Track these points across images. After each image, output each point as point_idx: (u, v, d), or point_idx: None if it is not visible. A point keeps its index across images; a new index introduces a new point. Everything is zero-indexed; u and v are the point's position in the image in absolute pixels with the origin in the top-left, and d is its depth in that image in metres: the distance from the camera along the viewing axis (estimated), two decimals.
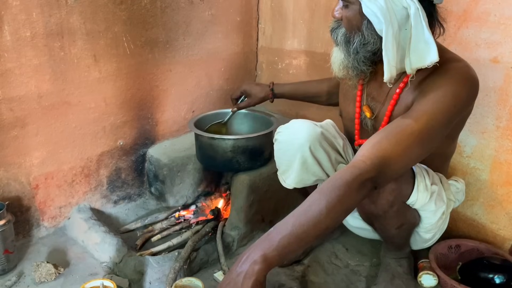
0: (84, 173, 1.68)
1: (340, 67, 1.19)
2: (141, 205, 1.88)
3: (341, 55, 1.17)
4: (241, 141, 1.60)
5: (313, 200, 0.90)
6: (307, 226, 0.87)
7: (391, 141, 1.00)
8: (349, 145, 1.37)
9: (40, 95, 1.47)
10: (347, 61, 1.17)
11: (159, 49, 1.76)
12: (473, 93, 1.10)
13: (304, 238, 0.86)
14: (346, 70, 1.18)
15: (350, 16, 1.11)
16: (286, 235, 0.85)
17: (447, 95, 1.04)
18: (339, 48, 1.18)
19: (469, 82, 1.08)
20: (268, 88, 1.66)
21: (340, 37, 1.16)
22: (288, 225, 0.87)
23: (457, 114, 1.07)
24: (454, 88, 1.05)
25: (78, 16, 1.48)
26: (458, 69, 1.08)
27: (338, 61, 1.19)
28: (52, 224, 1.65)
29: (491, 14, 1.39)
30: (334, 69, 1.21)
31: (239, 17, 2.06)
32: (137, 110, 1.77)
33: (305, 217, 0.88)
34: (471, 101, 1.12)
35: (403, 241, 1.36)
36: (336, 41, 1.19)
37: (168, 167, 1.78)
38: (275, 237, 0.86)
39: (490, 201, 1.52)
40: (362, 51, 1.13)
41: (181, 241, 1.59)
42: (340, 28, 1.16)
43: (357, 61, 1.15)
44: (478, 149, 1.51)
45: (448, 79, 1.06)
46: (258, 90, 1.67)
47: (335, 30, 1.18)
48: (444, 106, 1.04)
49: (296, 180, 1.29)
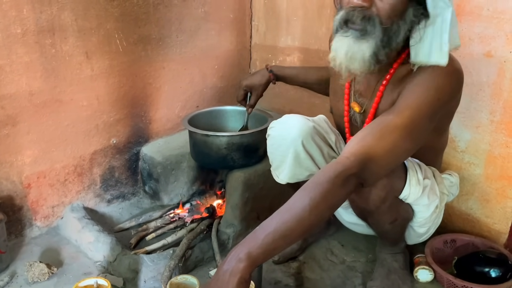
0: (77, 172, 1.67)
1: (363, 63, 1.04)
2: (135, 204, 1.86)
3: (369, 49, 1.02)
4: (235, 138, 1.60)
5: (298, 197, 0.90)
6: (291, 223, 0.86)
7: (375, 136, 0.99)
8: (341, 140, 1.37)
9: (32, 93, 1.46)
10: (377, 55, 1.03)
11: (152, 46, 1.75)
12: (456, 86, 1.09)
13: (289, 235, 0.86)
14: (369, 65, 1.05)
15: (394, 3, 0.98)
16: (270, 232, 0.85)
17: (430, 89, 1.04)
18: (367, 40, 1.01)
19: (453, 74, 1.07)
20: (267, 72, 1.60)
21: (376, 28, 1.00)
22: (272, 222, 0.87)
23: (441, 106, 1.07)
24: (437, 81, 1.04)
25: (70, 13, 1.47)
26: None
27: (361, 56, 1.03)
28: (45, 224, 1.64)
29: (484, 8, 1.38)
30: (352, 65, 1.05)
31: (232, 14, 2.05)
32: (130, 108, 1.76)
33: (289, 214, 0.87)
34: (455, 94, 1.11)
35: (397, 236, 1.35)
36: (365, 33, 1.01)
37: (162, 165, 1.77)
38: (260, 234, 0.85)
39: (484, 195, 1.52)
40: (399, 41, 1.03)
41: (176, 239, 1.58)
42: (373, 17, 1.00)
43: (386, 53, 1.04)
44: (473, 144, 1.51)
45: (431, 73, 1.05)
46: (258, 78, 1.60)
47: (365, 20, 1.00)
48: (427, 99, 1.03)
49: (289, 175, 1.29)
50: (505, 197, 1.47)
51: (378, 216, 1.23)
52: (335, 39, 1.08)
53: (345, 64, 1.06)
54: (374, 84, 1.19)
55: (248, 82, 1.61)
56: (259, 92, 1.62)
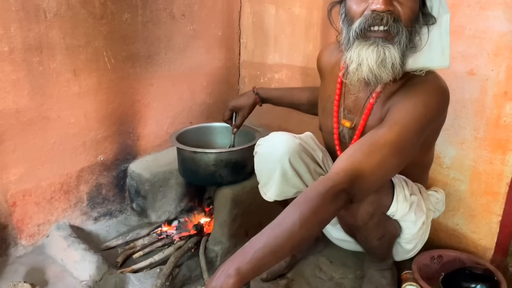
0: (63, 190, 1.65)
1: (391, 68, 1.04)
2: (122, 221, 1.85)
3: (395, 53, 1.03)
4: (223, 155, 1.60)
5: (287, 213, 0.90)
6: (281, 239, 0.86)
7: (364, 152, 1.00)
8: (329, 157, 1.38)
9: (18, 110, 1.45)
10: (402, 58, 1.05)
11: (141, 64, 1.76)
12: (443, 103, 1.12)
13: (279, 251, 0.86)
14: (393, 70, 1.05)
15: (413, 5, 1.03)
16: (260, 248, 0.84)
17: (418, 105, 1.06)
18: (393, 45, 1.03)
19: (439, 92, 1.10)
20: (253, 94, 1.63)
21: (403, 31, 1.02)
22: (262, 238, 0.86)
23: (429, 123, 1.09)
24: (424, 98, 1.07)
25: (58, 31, 1.47)
26: (428, 80, 1.11)
27: (391, 61, 1.03)
28: (30, 243, 1.61)
29: (466, 28, 1.42)
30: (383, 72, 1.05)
31: (221, 31, 2.07)
32: (118, 124, 1.75)
33: (279, 229, 0.87)
34: (442, 111, 1.13)
35: (385, 252, 1.36)
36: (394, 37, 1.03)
37: (150, 182, 1.76)
38: (250, 250, 0.85)
39: (470, 211, 1.54)
40: (413, 45, 1.07)
41: (164, 257, 1.57)
42: (398, 21, 1.01)
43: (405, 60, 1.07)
44: (457, 160, 1.54)
45: (418, 90, 1.08)
46: (245, 100, 1.64)
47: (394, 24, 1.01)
48: (415, 116, 1.05)
49: (277, 192, 1.29)
50: (490, 213, 1.49)
51: (366, 232, 1.24)
52: (354, 48, 1.07)
53: (375, 71, 1.05)
54: (363, 100, 1.21)
55: (234, 103, 1.66)
56: (245, 113, 1.66)
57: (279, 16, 2.00)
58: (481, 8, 1.38)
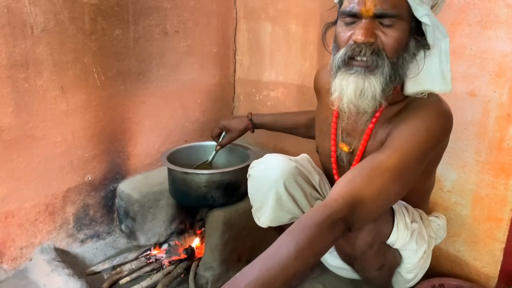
0: (48, 211, 1.58)
1: (372, 99, 1.01)
2: (110, 243, 1.77)
3: (378, 85, 0.99)
4: (215, 176, 1.54)
5: (282, 242, 0.83)
6: (275, 270, 0.79)
7: (364, 179, 0.95)
8: (326, 181, 1.32)
9: (2, 129, 1.39)
10: (385, 90, 1.00)
11: (132, 81, 1.70)
12: (446, 128, 1.06)
13: (272, 284, 0.78)
14: (377, 101, 1.02)
15: (399, 35, 0.97)
16: (252, 281, 0.77)
17: (420, 130, 1.01)
18: (375, 76, 0.99)
19: (442, 116, 1.05)
20: (247, 119, 1.62)
21: (386, 63, 0.98)
22: (255, 269, 0.79)
23: (431, 149, 1.04)
24: (427, 123, 1.02)
25: (45, 47, 1.42)
26: (431, 104, 1.05)
27: (372, 92, 1.00)
28: (12, 267, 1.53)
29: (467, 47, 1.38)
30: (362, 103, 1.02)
31: (215, 48, 2.03)
32: (107, 143, 1.69)
33: (272, 260, 0.80)
34: (445, 136, 1.08)
35: (384, 282, 1.29)
36: (374, 68, 0.99)
37: (140, 203, 1.70)
38: (241, 282, 0.78)
39: (472, 237, 1.48)
40: (401, 76, 1.02)
41: (151, 284, 1.49)
42: (380, 52, 0.98)
43: (390, 90, 1.02)
44: (459, 184, 1.48)
45: (421, 114, 1.03)
46: (237, 123, 1.63)
47: (374, 56, 0.98)
48: (417, 141, 1.00)
49: (271, 218, 1.23)
50: (493, 240, 1.43)
51: (365, 262, 1.17)
52: (337, 77, 1.04)
53: (354, 102, 1.02)
54: (362, 123, 1.15)
55: (226, 123, 1.65)
56: (233, 135, 1.65)
57: (275, 33, 1.97)
58: (483, 28, 1.34)
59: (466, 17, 1.36)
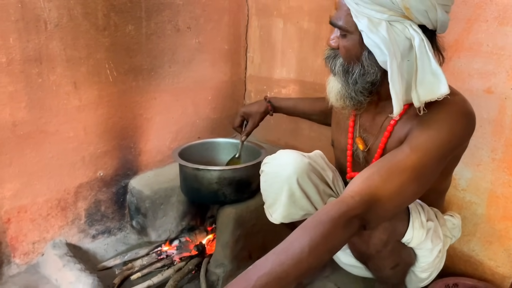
0: (60, 206, 1.59)
1: (337, 97, 1.12)
2: (121, 239, 1.77)
3: (338, 85, 1.11)
4: (227, 172, 1.53)
5: (296, 237, 0.82)
6: (288, 266, 0.78)
7: (382, 177, 0.93)
8: (339, 177, 1.31)
9: (15, 124, 1.39)
10: (345, 91, 1.10)
11: (144, 77, 1.70)
12: (469, 129, 1.04)
13: (284, 278, 0.77)
14: (343, 100, 1.12)
15: (349, 46, 1.05)
16: (264, 274, 0.76)
17: (442, 131, 0.99)
18: (336, 78, 1.11)
19: (466, 117, 1.02)
20: (265, 102, 1.61)
21: (338, 67, 1.09)
22: (267, 263, 0.78)
23: (452, 150, 1.02)
24: (450, 124, 0.99)
25: (58, 42, 1.42)
26: (455, 103, 1.02)
27: (335, 91, 1.12)
28: (24, 261, 1.54)
29: (483, 44, 1.36)
30: (330, 99, 1.14)
31: (227, 45, 2.02)
32: (119, 139, 1.69)
33: (285, 255, 0.79)
34: (467, 138, 1.06)
35: (398, 281, 1.28)
36: (333, 71, 1.12)
37: (151, 199, 1.70)
38: (253, 276, 0.77)
39: (487, 236, 1.46)
40: (361, 82, 1.07)
41: (162, 280, 1.49)
42: (338, 57, 1.10)
43: (355, 91, 1.08)
44: (474, 182, 1.46)
45: (444, 114, 1.00)
46: (256, 107, 1.61)
47: (332, 59, 1.11)
48: (439, 142, 0.98)
49: (283, 214, 1.22)
50: (509, 239, 1.40)
51: (379, 261, 1.16)
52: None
53: (329, 99, 1.15)
54: (381, 121, 1.14)
55: (246, 109, 1.62)
56: (255, 120, 1.61)
57: (287, 30, 1.96)
58: (500, 24, 1.32)
59: (483, 12, 1.34)
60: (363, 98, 1.10)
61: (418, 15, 0.96)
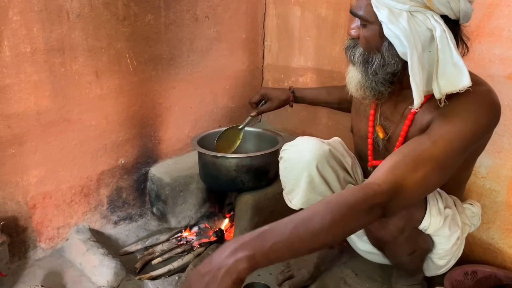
0: (83, 193, 1.63)
1: (357, 87, 1.11)
2: (142, 226, 1.82)
3: (358, 75, 1.10)
4: (245, 160, 1.55)
5: (317, 211, 0.82)
6: (305, 238, 0.79)
7: (408, 167, 0.93)
8: (358, 164, 1.31)
9: (39, 112, 1.43)
10: (364, 82, 1.09)
11: (163, 66, 1.73)
12: (494, 120, 1.03)
13: (298, 249, 0.79)
14: (363, 90, 1.11)
15: (369, 36, 1.04)
16: (281, 241, 0.77)
17: (467, 121, 0.98)
18: (356, 68, 1.10)
19: (491, 108, 1.01)
20: (289, 91, 1.60)
21: (357, 57, 1.08)
22: (286, 230, 0.78)
23: (476, 141, 1.01)
24: (475, 114, 0.98)
25: (80, 32, 1.45)
26: (480, 93, 1.01)
27: (355, 81, 1.11)
28: (49, 246, 1.60)
29: (505, 29, 1.34)
30: (350, 89, 1.13)
31: (244, 34, 2.03)
32: (139, 127, 1.72)
33: (304, 227, 0.80)
34: (492, 128, 1.05)
35: (415, 267, 1.28)
36: (352, 61, 1.11)
37: (171, 186, 1.73)
38: (269, 239, 0.77)
39: (507, 224, 1.44)
40: (381, 73, 1.06)
41: (182, 264, 1.53)
42: (357, 47, 1.09)
43: (376, 82, 1.07)
44: (494, 170, 1.44)
45: (469, 104, 0.99)
46: (279, 93, 1.60)
47: (351, 49, 1.10)
48: (464, 132, 0.97)
49: (303, 200, 1.23)
50: None
51: (396, 247, 1.17)
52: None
53: (349, 89, 1.14)
54: (402, 109, 1.14)
55: (267, 91, 1.62)
56: (273, 105, 1.61)
57: (304, 18, 1.95)
58: None
59: None
60: (384, 88, 1.09)
61: (440, 6, 0.95)
